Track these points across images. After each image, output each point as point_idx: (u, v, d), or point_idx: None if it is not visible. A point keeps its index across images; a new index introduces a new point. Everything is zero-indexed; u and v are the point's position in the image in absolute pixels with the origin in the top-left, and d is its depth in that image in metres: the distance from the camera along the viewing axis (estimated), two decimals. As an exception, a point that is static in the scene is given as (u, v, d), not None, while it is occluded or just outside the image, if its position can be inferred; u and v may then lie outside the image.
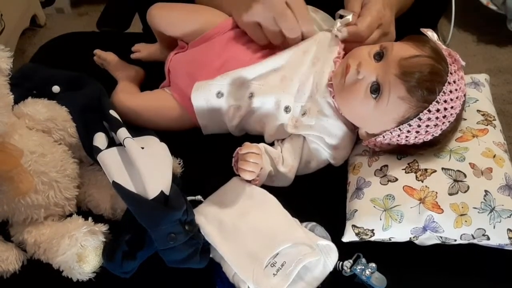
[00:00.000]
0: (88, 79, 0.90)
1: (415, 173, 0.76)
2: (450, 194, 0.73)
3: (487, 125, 0.82)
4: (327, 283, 0.73)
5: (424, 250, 0.77)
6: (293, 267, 0.69)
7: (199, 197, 0.81)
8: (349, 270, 0.73)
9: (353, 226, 0.75)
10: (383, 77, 0.74)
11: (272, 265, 0.70)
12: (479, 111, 0.85)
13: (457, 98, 0.73)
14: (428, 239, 0.75)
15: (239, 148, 0.78)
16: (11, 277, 0.75)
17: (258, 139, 0.87)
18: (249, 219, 0.75)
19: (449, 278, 0.75)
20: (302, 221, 0.77)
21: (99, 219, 0.78)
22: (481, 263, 0.76)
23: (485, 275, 0.75)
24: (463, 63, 0.75)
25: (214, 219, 0.76)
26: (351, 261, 0.74)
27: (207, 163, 0.87)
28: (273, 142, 0.88)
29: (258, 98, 0.84)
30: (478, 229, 0.71)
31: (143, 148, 0.77)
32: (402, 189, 0.75)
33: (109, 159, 0.76)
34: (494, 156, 0.77)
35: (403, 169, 0.78)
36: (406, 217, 0.73)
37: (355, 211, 0.76)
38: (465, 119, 0.82)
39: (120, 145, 0.78)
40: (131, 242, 0.73)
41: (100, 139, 0.80)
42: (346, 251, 0.74)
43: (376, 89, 0.75)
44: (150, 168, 0.73)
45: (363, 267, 0.72)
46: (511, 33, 1.96)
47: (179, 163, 0.85)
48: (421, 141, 0.77)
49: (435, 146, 0.77)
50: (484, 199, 0.72)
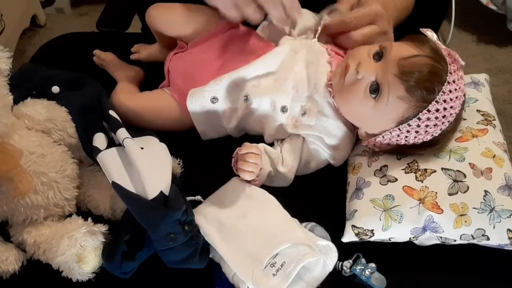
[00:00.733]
0: (87, 80, 0.89)
1: (415, 173, 0.76)
2: (449, 194, 0.73)
3: (487, 125, 0.82)
4: (327, 283, 0.73)
5: (424, 250, 0.76)
6: (293, 267, 0.69)
7: (199, 198, 0.81)
8: (348, 270, 0.73)
9: (353, 226, 0.75)
10: (383, 77, 0.74)
11: (271, 265, 0.70)
12: (479, 111, 0.85)
13: (456, 97, 0.73)
14: (427, 239, 0.75)
15: (238, 148, 0.78)
16: (10, 278, 0.75)
17: (257, 139, 0.87)
18: (248, 220, 0.75)
19: (449, 278, 0.75)
20: (301, 221, 0.77)
21: (98, 219, 0.78)
22: (481, 263, 0.76)
23: (485, 275, 0.75)
24: (463, 63, 0.75)
25: (213, 220, 0.76)
26: (351, 261, 0.74)
27: (207, 164, 0.87)
28: (273, 142, 0.88)
29: (253, 100, 0.83)
30: (478, 229, 0.71)
31: (142, 148, 0.77)
32: (401, 189, 0.75)
33: (109, 159, 0.76)
34: (493, 156, 0.77)
35: (402, 169, 0.78)
36: (405, 217, 0.73)
37: (355, 211, 0.76)
38: (465, 119, 0.82)
39: (119, 145, 0.78)
40: (131, 242, 0.73)
41: (99, 140, 0.79)
42: (345, 251, 0.74)
43: (375, 89, 0.75)
44: (149, 168, 0.73)
45: (363, 267, 0.72)
46: (511, 33, 1.96)
47: (179, 163, 0.85)
48: (421, 141, 0.77)
49: (434, 146, 0.77)
50: (484, 199, 0.72)
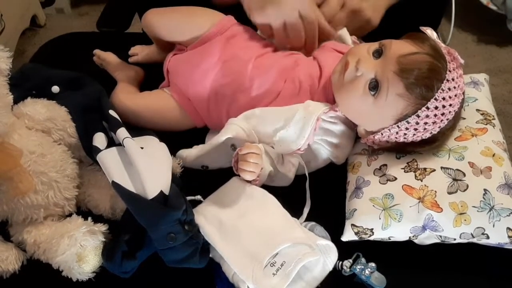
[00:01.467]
0: (87, 79, 0.90)
1: (414, 172, 0.76)
2: (449, 193, 0.73)
3: (486, 124, 0.82)
4: (327, 282, 0.73)
5: (423, 249, 0.77)
6: (293, 267, 0.69)
7: (199, 197, 0.81)
8: (348, 269, 0.73)
9: (352, 225, 0.75)
10: (382, 74, 0.74)
11: (271, 265, 0.70)
12: (478, 110, 0.85)
13: (455, 95, 0.73)
14: (427, 238, 0.75)
15: (239, 148, 0.78)
16: (10, 277, 0.75)
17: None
18: (248, 219, 0.75)
19: (449, 277, 0.75)
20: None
21: (98, 219, 0.78)
22: (480, 262, 0.76)
23: (485, 274, 0.75)
24: (462, 61, 0.75)
25: (213, 219, 0.76)
26: (351, 260, 0.74)
27: (207, 163, 0.87)
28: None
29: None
30: (477, 228, 0.71)
31: (142, 148, 0.77)
32: (401, 188, 0.75)
33: (109, 159, 0.76)
34: (493, 155, 0.77)
35: (402, 168, 0.78)
36: (405, 216, 0.73)
37: (354, 210, 0.76)
38: (464, 118, 0.82)
39: (119, 145, 0.78)
40: (131, 242, 0.73)
41: (99, 139, 0.79)
42: (345, 250, 0.74)
43: (374, 86, 0.75)
44: (149, 168, 0.73)
45: (363, 266, 0.72)
46: (511, 33, 1.96)
47: (179, 163, 0.85)
48: (419, 138, 0.77)
49: (433, 143, 0.77)
50: (483, 198, 0.72)
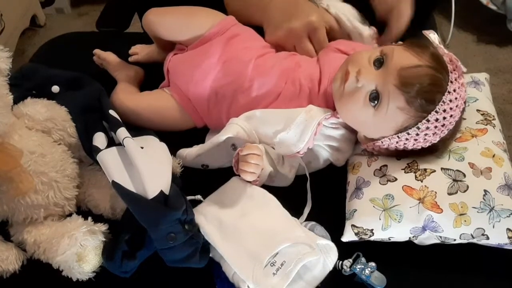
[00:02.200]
0: (87, 79, 0.90)
1: (415, 173, 0.76)
2: (449, 193, 0.73)
3: (487, 125, 0.82)
4: (327, 282, 0.73)
5: (423, 249, 0.77)
6: (293, 267, 0.69)
7: (199, 197, 0.81)
8: (348, 269, 0.73)
9: (353, 225, 0.75)
10: (383, 86, 0.73)
11: (271, 265, 0.70)
12: (478, 110, 0.85)
13: (456, 106, 0.73)
14: (427, 238, 0.75)
15: (239, 149, 0.78)
16: (11, 277, 0.75)
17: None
18: (248, 219, 0.75)
19: (448, 277, 0.75)
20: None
21: (98, 218, 0.78)
22: (480, 262, 0.76)
23: (485, 275, 0.75)
24: (464, 69, 0.74)
25: (213, 219, 0.76)
26: (351, 260, 0.74)
27: (207, 163, 0.87)
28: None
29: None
30: (477, 228, 0.71)
31: (142, 147, 0.77)
32: (401, 189, 0.75)
33: (109, 158, 0.76)
34: (493, 155, 0.77)
35: (402, 169, 0.78)
36: (405, 217, 0.73)
37: (355, 211, 0.76)
38: (465, 119, 0.82)
39: (119, 144, 0.78)
40: (131, 241, 0.73)
41: (99, 139, 0.80)
42: (345, 250, 0.74)
43: (375, 97, 0.74)
44: (149, 167, 0.73)
45: (363, 266, 0.72)
46: (511, 33, 1.96)
47: (179, 163, 0.85)
48: (419, 147, 0.77)
49: (433, 151, 0.77)
50: (483, 199, 0.72)
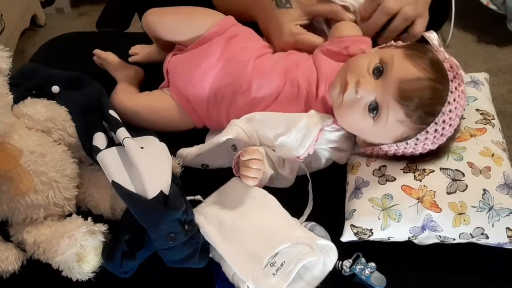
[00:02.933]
0: (87, 79, 0.90)
1: (413, 173, 0.76)
2: (448, 193, 0.73)
3: (486, 124, 0.82)
4: (327, 282, 0.73)
5: (423, 249, 0.77)
6: (293, 267, 0.69)
7: (199, 197, 0.81)
8: (348, 269, 0.73)
9: (352, 225, 0.75)
10: (382, 98, 0.73)
11: (271, 265, 0.70)
12: (478, 110, 0.85)
13: (456, 115, 0.73)
14: (427, 238, 0.75)
15: (240, 152, 0.77)
16: (10, 277, 0.75)
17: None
18: (248, 219, 0.75)
19: (448, 277, 0.75)
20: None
21: (98, 219, 0.78)
22: (480, 262, 0.76)
23: (485, 274, 0.75)
24: (464, 76, 0.73)
25: (213, 219, 0.76)
26: (351, 260, 0.74)
27: (207, 163, 0.87)
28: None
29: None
30: (476, 228, 0.71)
31: (142, 148, 0.77)
32: (400, 189, 0.75)
33: (109, 159, 0.76)
34: (492, 155, 0.77)
35: (401, 169, 0.78)
36: (404, 216, 0.73)
37: (354, 211, 0.76)
38: (464, 118, 0.81)
39: (119, 145, 0.78)
40: (131, 242, 0.73)
41: (99, 139, 0.79)
42: (345, 250, 0.74)
43: (374, 108, 0.74)
44: (149, 167, 0.73)
45: (363, 266, 0.72)
46: (511, 33, 1.96)
47: (179, 163, 0.85)
48: (418, 153, 0.77)
49: (432, 157, 0.77)
50: (482, 198, 0.72)
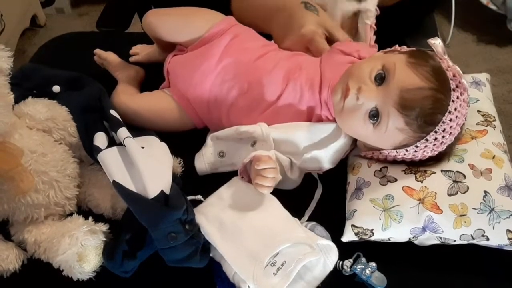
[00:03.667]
0: (88, 79, 0.90)
1: (415, 174, 0.76)
2: (449, 194, 0.73)
3: (487, 126, 0.82)
4: (327, 282, 0.73)
5: (424, 249, 0.77)
6: (293, 267, 0.69)
7: (199, 197, 0.81)
8: (349, 269, 0.73)
9: (353, 226, 0.75)
10: (383, 106, 0.72)
11: (272, 265, 0.70)
12: (479, 111, 0.85)
13: (457, 124, 0.73)
14: (427, 239, 0.75)
15: (254, 161, 0.75)
16: (11, 276, 0.75)
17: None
18: (249, 219, 0.75)
19: (448, 278, 0.75)
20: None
21: (99, 218, 0.78)
22: (481, 263, 0.76)
23: (485, 275, 0.75)
24: (467, 85, 0.73)
25: (214, 219, 0.76)
26: (351, 260, 0.74)
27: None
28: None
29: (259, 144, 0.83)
30: (477, 229, 0.72)
31: (143, 147, 0.77)
32: (401, 189, 0.75)
33: (109, 158, 0.76)
34: (493, 157, 0.77)
35: (402, 171, 0.78)
36: (405, 217, 0.73)
37: (355, 211, 0.76)
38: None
39: (120, 144, 0.78)
40: (132, 241, 0.73)
41: (100, 139, 0.80)
42: (346, 250, 0.74)
43: (374, 115, 0.74)
44: (150, 167, 0.73)
45: (363, 266, 0.72)
46: (511, 33, 1.96)
47: (179, 163, 0.85)
48: (418, 159, 0.77)
49: (433, 162, 0.77)
50: (483, 200, 0.72)
